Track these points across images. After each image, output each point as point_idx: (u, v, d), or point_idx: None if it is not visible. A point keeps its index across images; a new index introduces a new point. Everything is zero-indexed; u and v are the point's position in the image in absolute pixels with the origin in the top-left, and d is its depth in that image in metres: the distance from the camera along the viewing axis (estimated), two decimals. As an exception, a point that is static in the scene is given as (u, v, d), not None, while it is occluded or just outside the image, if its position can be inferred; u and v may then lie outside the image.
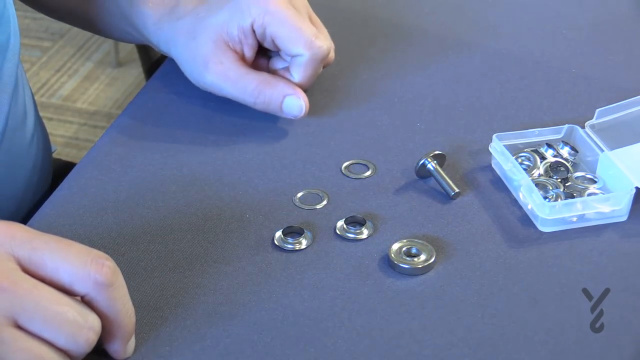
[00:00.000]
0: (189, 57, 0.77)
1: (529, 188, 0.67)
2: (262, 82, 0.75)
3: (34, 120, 0.83)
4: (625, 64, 0.87)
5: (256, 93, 0.75)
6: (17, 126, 0.78)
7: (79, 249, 0.54)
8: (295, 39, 0.74)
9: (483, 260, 0.64)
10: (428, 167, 0.71)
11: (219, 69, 0.76)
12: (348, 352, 0.58)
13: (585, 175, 0.70)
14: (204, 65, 0.76)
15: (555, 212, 0.66)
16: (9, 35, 0.73)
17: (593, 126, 0.74)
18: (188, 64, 0.78)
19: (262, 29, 0.74)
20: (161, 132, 0.78)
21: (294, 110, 0.76)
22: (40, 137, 0.85)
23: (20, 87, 0.79)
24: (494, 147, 0.72)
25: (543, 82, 0.84)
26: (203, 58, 0.76)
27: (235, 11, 0.75)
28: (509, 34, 0.91)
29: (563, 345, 0.58)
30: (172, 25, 0.78)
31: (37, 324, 0.52)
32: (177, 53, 0.78)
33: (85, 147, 2.13)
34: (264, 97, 0.75)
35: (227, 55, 0.76)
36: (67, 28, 2.69)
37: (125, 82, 2.48)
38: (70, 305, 0.53)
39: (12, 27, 0.74)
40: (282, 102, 0.75)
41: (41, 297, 0.52)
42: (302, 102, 0.75)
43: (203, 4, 0.78)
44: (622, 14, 0.95)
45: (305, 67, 0.75)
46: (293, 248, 0.65)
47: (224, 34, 0.75)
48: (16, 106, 0.78)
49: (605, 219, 0.67)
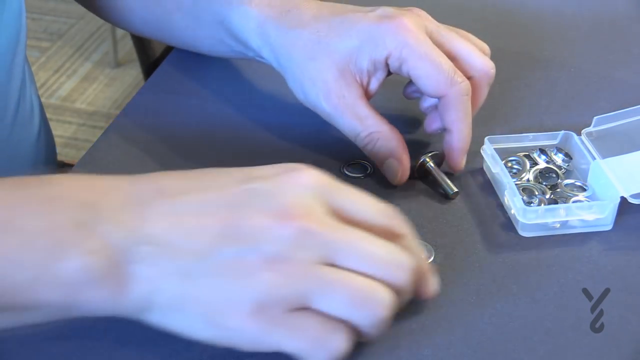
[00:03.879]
0: (304, 77, 0.71)
1: (512, 192, 0.67)
2: (376, 133, 0.70)
3: (39, 118, 0.83)
4: (625, 64, 0.87)
5: (367, 141, 0.70)
6: (24, 122, 0.78)
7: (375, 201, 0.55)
8: (434, 77, 0.68)
9: (482, 259, 0.64)
10: (427, 167, 0.71)
11: (340, 103, 0.70)
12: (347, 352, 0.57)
13: (575, 182, 0.70)
14: (325, 94, 0.70)
15: (536, 217, 0.65)
16: (20, 29, 0.74)
17: (590, 134, 0.73)
18: (302, 84, 0.71)
19: (398, 62, 0.68)
20: (160, 132, 0.78)
21: (389, 173, 0.70)
22: (45, 135, 0.85)
23: (28, 83, 0.80)
24: (485, 150, 0.72)
25: (542, 82, 0.84)
26: (325, 85, 0.70)
27: (367, 40, 0.69)
28: (508, 34, 0.91)
29: (563, 345, 0.58)
30: (282, 33, 0.72)
31: (352, 261, 0.51)
32: (287, 68, 0.72)
33: (84, 147, 2.12)
34: (372, 147, 0.70)
35: (351, 89, 0.70)
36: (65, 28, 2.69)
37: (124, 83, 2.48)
38: (381, 244, 0.53)
39: (23, 21, 0.74)
40: (384, 160, 0.70)
41: (354, 237, 0.52)
42: (400, 170, 0.70)
43: (321, 22, 0.71)
44: (621, 13, 0.96)
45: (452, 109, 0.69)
46: (293, 248, 0.65)
47: (352, 64, 0.69)
48: (24, 102, 0.78)
49: (590, 228, 0.67)
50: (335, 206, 0.53)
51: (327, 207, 0.52)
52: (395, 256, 0.53)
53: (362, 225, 0.53)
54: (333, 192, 0.53)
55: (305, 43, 0.70)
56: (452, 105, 0.69)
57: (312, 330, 0.51)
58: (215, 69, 0.86)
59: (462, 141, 0.70)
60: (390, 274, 0.52)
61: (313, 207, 0.52)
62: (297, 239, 0.50)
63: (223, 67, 0.86)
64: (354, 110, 0.70)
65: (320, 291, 0.50)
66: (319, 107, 0.71)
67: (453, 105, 0.69)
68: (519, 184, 0.69)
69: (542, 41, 0.90)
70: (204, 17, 0.77)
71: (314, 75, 0.70)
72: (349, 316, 0.51)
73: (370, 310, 0.51)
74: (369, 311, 0.51)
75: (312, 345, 0.51)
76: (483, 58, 0.71)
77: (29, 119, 0.80)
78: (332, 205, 0.53)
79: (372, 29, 0.69)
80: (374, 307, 0.51)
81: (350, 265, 0.51)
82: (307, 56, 0.70)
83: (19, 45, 0.74)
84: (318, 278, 0.50)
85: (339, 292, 0.51)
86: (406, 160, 0.70)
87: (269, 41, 0.72)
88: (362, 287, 0.51)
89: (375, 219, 0.54)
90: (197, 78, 0.84)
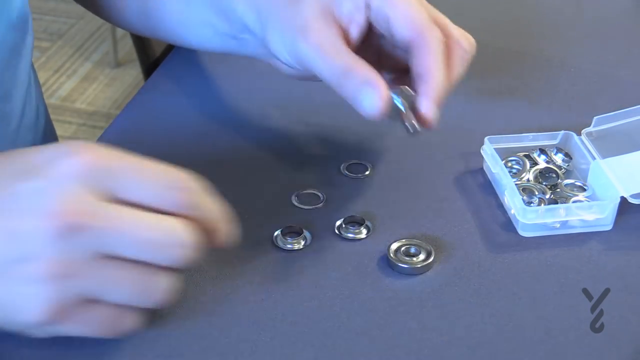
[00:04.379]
0: (284, 21, 0.67)
1: (512, 192, 0.67)
2: (355, 64, 0.64)
3: (44, 121, 0.83)
4: (625, 64, 0.87)
5: (344, 74, 0.64)
6: (30, 126, 0.78)
7: (161, 171, 0.54)
8: (411, 17, 0.65)
9: (482, 259, 0.64)
10: (395, 102, 0.66)
11: (317, 38, 0.65)
12: (347, 352, 0.57)
13: (575, 182, 0.70)
14: (302, 31, 0.66)
15: (536, 217, 0.65)
16: (26, 34, 0.74)
17: (590, 134, 0.73)
18: (281, 30, 0.67)
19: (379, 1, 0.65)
20: (160, 132, 0.78)
21: (365, 102, 0.63)
22: (51, 136, 0.85)
23: (33, 87, 0.80)
24: (485, 150, 0.72)
25: (542, 81, 0.84)
26: (304, 22, 0.66)
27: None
28: (508, 34, 0.91)
29: (563, 345, 0.58)
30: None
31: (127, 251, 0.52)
32: (269, 22, 0.68)
33: (84, 147, 2.12)
34: (348, 81, 0.64)
35: (331, 28, 0.65)
36: (65, 28, 2.69)
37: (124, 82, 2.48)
38: (159, 224, 0.52)
39: (29, 27, 0.74)
40: (360, 90, 0.63)
41: (127, 223, 0.52)
42: (378, 95, 0.63)
43: None
44: (621, 13, 0.96)
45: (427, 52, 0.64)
46: (292, 248, 0.65)
47: (334, 6, 0.66)
48: (30, 105, 0.78)
49: (590, 228, 0.67)
50: (111, 190, 0.52)
51: (101, 193, 0.52)
52: (170, 236, 0.52)
53: (144, 204, 0.53)
54: (109, 174, 0.52)
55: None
56: (427, 48, 0.64)
57: (100, 319, 0.53)
58: (215, 69, 0.86)
59: (435, 89, 0.64)
60: (167, 256, 0.53)
61: (82, 198, 0.51)
62: (67, 237, 0.50)
63: (223, 68, 0.86)
64: (332, 46, 0.65)
65: (99, 287, 0.52)
66: (296, 48, 0.66)
67: (428, 47, 0.64)
68: (519, 184, 0.69)
69: (542, 41, 0.90)
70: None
71: (295, 16, 0.67)
72: (134, 303, 0.54)
73: (150, 296, 0.53)
74: (150, 297, 0.53)
75: (102, 331, 0.54)
76: (461, 31, 0.68)
77: (34, 123, 0.80)
78: (108, 189, 0.52)
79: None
80: (153, 293, 0.53)
81: (126, 254, 0.52)
82: (289, 2, 0.68)
83: (24, 49, 0.74)
84: (94, 275, 0.51)
85: (117, 285, 0.52)
86: (382, 84, 0.63)
87: (254, 1, 0.70)
88: (140, 276, 0.52)
89: (160, 194, 0.53)
90: (197, 78, 0.84)
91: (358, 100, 0.64)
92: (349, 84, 0.64)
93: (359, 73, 0.64)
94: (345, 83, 0.64)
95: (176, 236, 0.53)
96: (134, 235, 0.52)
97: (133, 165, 0.54)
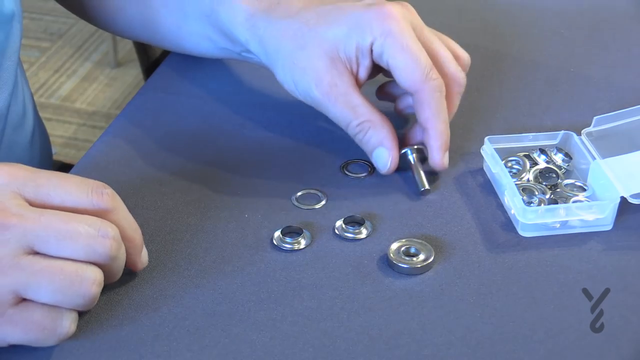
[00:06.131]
0: (295, 67, 0.71)
1: (512, 192, 0.67)
2: (368, 121, 0.70)
3: (33, 120, 0.83)
4: (625, 64, 0.87)
5: (358, 129, 0.70)
6: (16, 125, 0.78)
7: (79, 181, 0.57)
8: (411, 70, 0.68)
9: (482, 259, 0.64)
10: (408, 159, 0.71)
11: (332, 91, 0.70)
12: (347, 352, 0.57)
13: (575, 182, 0.69)
14: (317, 82, 0.70)
15: (536, 217, 0.65)
16: (8, 34, 0.73)
17: (590, 134, 0.73)
18: (292, 74, 0.71)
19: (380, 49, 0.69)
20: (160, 132, 0.78)
21: (379, 162, 0.71)
22: (40, 137, 0.85)
23: (20, 86, 0.80)
24: (485, 150, 0.72)
25: (542, 82, 0.84)
26: (316, 73, 0.70)
27: (354, 27, 0.69)
28: (508, 34, 0.91)
29: (562, 345, 0.58)
30: (271, 23, 0.72)
31: (52, 245, 0.54)
32: (276, 59, 0.72)
33: (84, 147, 2.12)
34: (363, 136, 0.70)
35: (343, 77, 0.70)
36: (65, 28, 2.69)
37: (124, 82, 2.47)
38: (80, 220, 0.55)
39: (14, 26, 0.74)
40: (374, 149, 0.71)
41: (50, 220, 0.54)
42: (389, 160, 0.70)
43: (310, 11, 0.71)
44: (621, 13, 0.96)
45: (425, 106, 0.69)
46: (292, 248, 0.65)
47: (341, 52, 0.69)
48: (16, 105, 0.78)
49: (590, 228, 0.67)
50: (32, 196, 0.55)
51: (23, 199, 0.55)
52: (93, 232, 0.55)
53: (64, 208, 0.55)
54: (28, 183, 0.56)
55: (294, 32, 0.71)
56: (425, 102, 0.69)
57: (36, 320, 0.54)
58: (215, 69, 0.86)
59: (438, 139, 0.70)
60: (91, 251, 0.55)
61: (4, 202, 0.54)
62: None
63: (223, 68, 0.86)
64: (346, 99, 0.70)
65: (25, 284, 0.53)
66: (310, 96, 0.71)
67: (427, 101, 0.69)
68: (519, 184, 0.69)
69: (542, 41, 0.90)
70: (190, 11, 0.77)
71: (305, 64, 0.70)
72: (60, 302, 0.54)
73: (77, 294, 0.54)
74: (76, 294, 0.54)
75: (40, 335, 0.54)
76: (457, 67, 0.72)
77: (20, 124, 0.79)
78: (29, 196, 0.55)
79: (359, 15, 0.69)
80: (80, 289, 0.54)
81: (51, 251, 0.54)
82: (297, 45, 0.70)
83: (8, 50, 0.74)
84: (20, 271, 0.53)
85: (43, 281, 0.53)
86: (396, 150, 0.71)
87: (257, 33, 0.72)
88: (65, 272, 0.54)
89: (78, 200, 0.56)
90: (197, 78, 0.84)
91: (371, 156, 0.71)
92: (363, 140, 0.71)
93: (374, 133, 0.70)
94: (360, 138, 0.71)
95: (97, 228, 0.55)
96: (56, 229, 0.54)
97: (53, 174, 0.57)
